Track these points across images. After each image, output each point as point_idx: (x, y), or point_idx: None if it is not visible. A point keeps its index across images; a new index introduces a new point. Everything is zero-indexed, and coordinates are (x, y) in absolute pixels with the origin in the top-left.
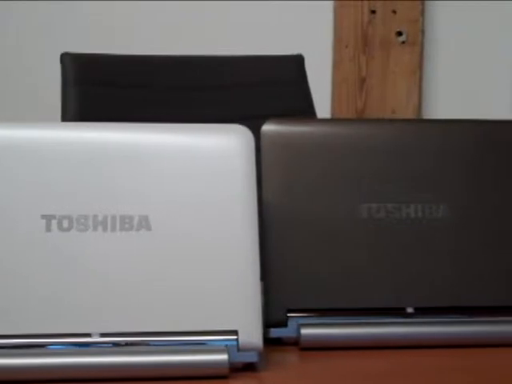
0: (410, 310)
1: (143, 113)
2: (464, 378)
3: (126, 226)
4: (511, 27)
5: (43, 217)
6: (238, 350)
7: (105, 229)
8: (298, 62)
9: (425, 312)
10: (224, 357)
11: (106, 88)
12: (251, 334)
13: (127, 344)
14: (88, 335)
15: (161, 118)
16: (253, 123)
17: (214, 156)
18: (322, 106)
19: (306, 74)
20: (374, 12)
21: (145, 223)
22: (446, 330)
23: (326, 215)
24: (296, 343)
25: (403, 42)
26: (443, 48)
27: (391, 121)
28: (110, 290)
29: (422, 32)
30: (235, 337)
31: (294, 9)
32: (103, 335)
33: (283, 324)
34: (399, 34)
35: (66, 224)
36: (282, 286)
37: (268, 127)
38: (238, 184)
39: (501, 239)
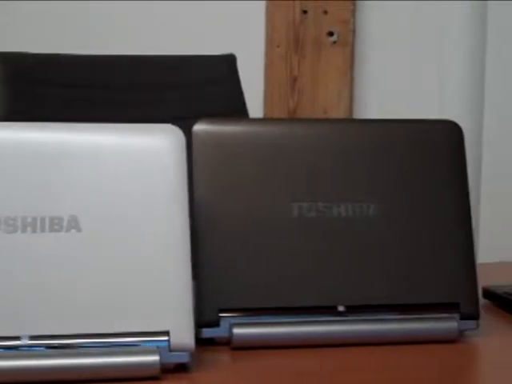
0: (341, 308)
1: (73, 113)
2: (396, 375)
3: (56, 227)
4: (440, 28)
5: None
6: (170, 350)
7: (34, 230)
8: (229, 61)
9: (356, 310)
10: (155, 358)
11: (35, 87)
12: (183, 334)
13: (57, 347)
14: (17, 338)
15: (92, 117)
16: (185, 123)
17: (144, 156)
18: (255, 105)
19: (238, 73)
20: (305, 12)
21: (74, 224)
22: (378, 328)
23: (258, 214)
24: (228, 343)
25: (334, 42)
26: (374, 48)
27: (322, 121)
28: (40, 292)
29: (353, 32)
30: (167, 337)
31: (226, 9)
32: (33, 338)
33: (215, 324)
34: (330, 34)
35: None
36: (214, 285)
37: (199, 127)
38: (168, 184)
39: (429, 238)
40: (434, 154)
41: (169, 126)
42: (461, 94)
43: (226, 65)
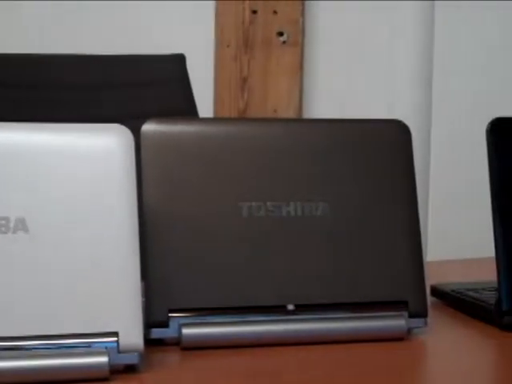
0: (290, 307)
1: (19, 113)
2: (344, 373)
3: (3, 228)
4: (388, 28)
5: None
6: (119, 351)
7: None
8: (179, 61)
9: (305, 309)
10: (104, 359)
11: None
12: (132, 335)
13: (4, 348)
14: None
15: (42, 118)
16: (133, 123)
17: (92, 156)
18: (205, 105)
19: (187, 73)
20: (255, 12)
21: (21, 225)
22: (327, 327)
23: (207, 214)
24: (178, 343)
25: (284, 42)
26: (323, 48)
27: (272, 120)
28: None
29: (303, 32)
30: (115, 338)
31: (176, 8)
32: None
33: (164, 324)
34: (280, 34)
35: None
36: (163, 286)
37: (148, 127)
38: (117, 184)
39: (378, 237)
40: (381, 154)
41: (117, 126)
42: (409, 93)
43: (176, 64)
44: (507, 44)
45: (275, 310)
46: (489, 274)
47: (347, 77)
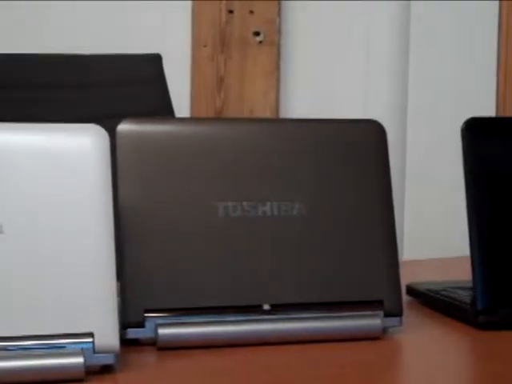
0: (266, 307)
1: None
2: (320, 372)
3: None
4: (365, 28)
5: None
6: (94, 352)
7: None
8: (155, 60)
9: (281, 309)
10: (80, 360)
11: None
12: (107, 335)
13: None
14: None
15: (17, 117)
16: (110, 123)
17: (68, 156)
18: (181, 105)
19: (163, 73)
20: (231, 12)
21: None
22: (303, 326)
23: (183, 214)
24: (154, 343)
25: (261, 42)
26: (300, 48)
27: (248, 120)
28: None
29: (279, 32)
30: (91, 339)
31: (152, 8)
32: None
33: (140, 325)
34: (257, 34)
35: None
36: (139, 286)
37: (123, 127)
38: (92, 184)
39: (353, 236)
40: (357, 154)
41: (92, 126)
42: (386, 94)
43: (152, 64)
44: (484, 44)
45: (251, 309)
46: (464, 273)
47: (324, 77)
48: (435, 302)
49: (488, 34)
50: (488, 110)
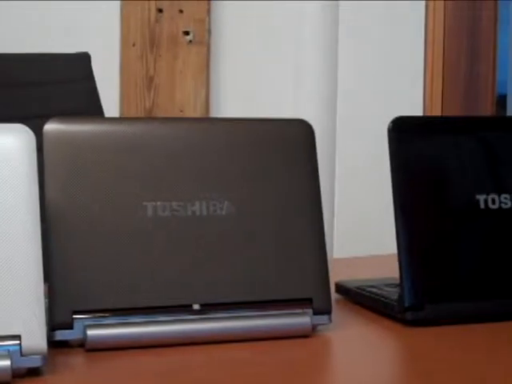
0: (196, 306)
1: None
2: (248, 371)
3: None
4: (294, 28)
5: None
6: (21, 354)
7: None
8: (84, 60)
9: (211, 308)
10: (6, 363)
11: None
12: (35, 337)
13: None
14: None
15: None
16: (36, 123)
17: None
18: (111, 105)
19: (92, 72)
20: (161, 11)
21: None
22: (232, 325)
23: (111, 214)
24: (82, 345)
25: (190, 42)
26: (230, 47)
27: (178, 120)
28: None
29: (209, 32)
30: (18, 341)
31: (81, 7)
32: None
33: (68, 326)
34: (186, 33)
35: None
36: (67, 287)
37: (50, 126)
38: (18, 185)
39: (282, 235)
40: (286, 153)
41: (18, 126)
42: (315, 93)
43: (81, 63)
44: (411, 44)
45: (181, 309)
46: (393, 271)
47: (254, 76)
48: (364, 300)
49: (415, 35)
50: (416, 109)
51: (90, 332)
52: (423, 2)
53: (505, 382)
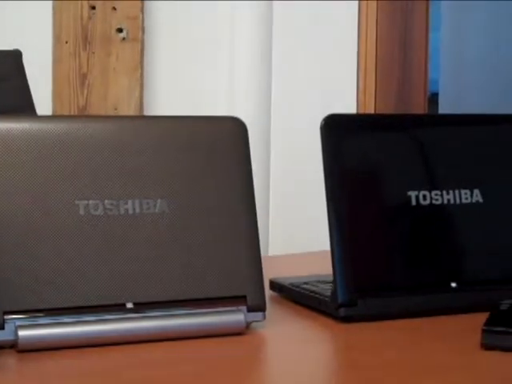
0: (129, 305)
1: None
2: (182, 369)
3: None
4: (229, 27)
5: None
6: None
7: None
8: (15, 57)
9: (145, 307)
10: None
11: None
12: None
13: None
14: None
15: None
16: None
17: None
18: (43, 103)
19: (24, 69)
20: (93, 8)
21: None
22: (166, 324)
23: (43, 213)
24: (14, 346)
25: (124, 39)
26: (164, 46)
27: (110, 118)
28: None
29: (143, 29)
30: None
31: (12, 4)
32: None
33: None
34: (120, 30)
35: None
36: None
37: None
38: None
39: (215, 233)
40: (219, 150)
41: None
42: (250, 92)
43: (11, 60)
44: (345, 43)
45: (114, 308)
46: (328, 268)
47: (188, 73)
48: (298, 296)
49: (348, 33)
50: (350, 108)
51: (22, 332)
52: (356, 2)
53: (433, 375)
